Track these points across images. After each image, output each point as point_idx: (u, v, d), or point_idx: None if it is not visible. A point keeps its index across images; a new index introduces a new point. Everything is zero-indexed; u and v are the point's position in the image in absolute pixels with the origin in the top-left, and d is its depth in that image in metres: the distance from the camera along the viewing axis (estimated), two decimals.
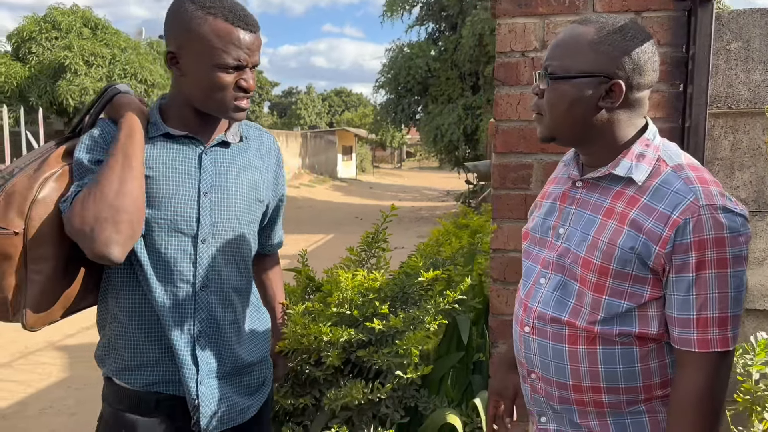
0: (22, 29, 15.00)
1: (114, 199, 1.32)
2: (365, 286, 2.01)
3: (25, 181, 1.35)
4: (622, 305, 1.20)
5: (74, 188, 1.37)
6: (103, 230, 1.30)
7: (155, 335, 1.47)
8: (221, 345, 1.52)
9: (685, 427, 1.16)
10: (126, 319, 1.47)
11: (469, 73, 16.27)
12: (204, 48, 1.36)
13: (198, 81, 1.40)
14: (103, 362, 1.52)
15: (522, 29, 1.83)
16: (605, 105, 1.21)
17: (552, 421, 1.34)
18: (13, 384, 4.76)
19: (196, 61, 1.38)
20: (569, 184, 1.33)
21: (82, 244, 1.33)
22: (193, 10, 1.36)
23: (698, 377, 1.15)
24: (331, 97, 54.40)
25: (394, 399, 2.00)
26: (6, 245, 1.31)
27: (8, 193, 1.33)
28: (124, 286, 1.46)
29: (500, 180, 1.90)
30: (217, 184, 1.48)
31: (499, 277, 1.93)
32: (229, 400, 1.52)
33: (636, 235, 1.17)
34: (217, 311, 1.50)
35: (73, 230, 1.32)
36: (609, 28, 1.20)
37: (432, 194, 24.37)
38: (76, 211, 1.32)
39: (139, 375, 1.47)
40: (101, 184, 1.33)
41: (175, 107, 1.48)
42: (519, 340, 1.36)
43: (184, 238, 1.45)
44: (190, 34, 1.36)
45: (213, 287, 1.49)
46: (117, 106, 1.44)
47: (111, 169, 1.34)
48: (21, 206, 1.32)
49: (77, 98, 14.02)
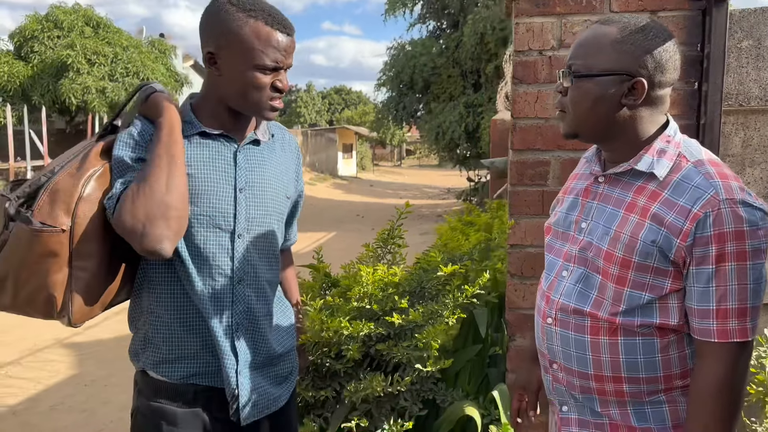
0: (25, 28, 14.97)
1: (164, 196, 1.35)
2: (385, 281, 2.05)
3: (69, 179, 1.36)
4: (644, 297, 1.23)
5: (119, 186, 1.39)
6: (156, 227, 1.33)
7: (194, 328, 1.49)
8: (257, 336, 1.55)
9: (705, 417, 1.19)
10: (165, 313, 1.49)
11: (471, 71, 16.26)
12: (244, 49, 1.40)
13: (236, 81, 1.43)
14: (139, 356, 1.54)
15: (540, 28, 1.86)
16: (627, 102, 1.24)
17: (573, 410, 1.37)
18: (23, 381, 4.78)
19: (235, 61, 1.42)
20: (591, 180, 1.37)
21: (132, 240, 1.35)
22: (234, 12, 1.40)
23: (718, 367, 1.18)
24: (331, 95, 54.36)
25: (413, 392, 2.03)
26: (53, 243, 1.33)
27: (53, 191, 1.34)
28: (163, 281, 1.49)
29: (518, 176, 1.93)
30: (251, 181, 1.53)
31: (517, 272, 1.96)
32: (264, 390, 1.56)
33: (657, 229, 1.20)
34: (253, 303, 1.54)
35: (124, 227, 1.34)
36: (631, 28, 1.23)
37: (432, 192, 24.39)
38: (127, 209, 1.34)
39: (177, 368, 1.50)
40: (150, 181, 1.35)
41: (209, 106, 1.51)
42: (541, 332, 1.40)
43: (222, 234, 1.49)
44: (231, 35, 1.40)
45: (249, 280, 1.54)
46: (154, 105, 1.46)
47: (158, 167, 1.37)
48: (67, 204, 1.34)
49: (79, 97, 14.00)
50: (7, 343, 5.62)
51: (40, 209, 1.33)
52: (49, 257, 1.33)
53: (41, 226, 1.32)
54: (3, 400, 4.42)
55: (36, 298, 1.36)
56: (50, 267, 1.33)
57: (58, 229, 1.33)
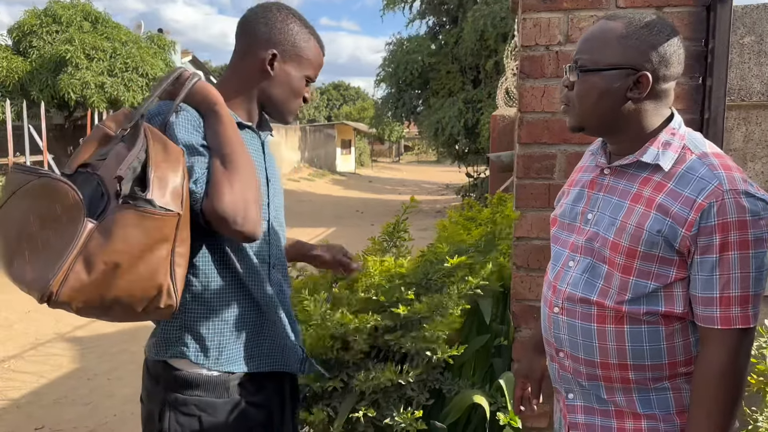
0: (23, 23, 14.88)
1: (254, 182, 1.41)
2: (392, 272, 2.07)
3: (165, 162, 1.33)
4: (649, 285, 1.26)
5: (200, 170, 1.38)
6: (253, 210, 1.37)
7: (242, 313, 1.52)
8: (289, 316, 1.63)
9: (709, 401, 1.22)
10: (215, 300, 1.49)
11: (470, 67, 16.26)
12: (304, 61, 1.59)
13: (287, 85, 1.58)
14: (170, 347, 1.50)
15: (546, 24, 1.88)
16: (633, 96, 1.27)
17: (579, 397, 1.40)
18: (26, 375, 4.81)
19: (293, 69, 1.58)
20: (597, 172, 1.40)
21: (227, 225, 1.34)
22: (300, 26, 1.58)
23: (721, 353, 1.22)
24: (329, 91, 54.26)
25: (419, 382, 2.06)
26: (169, 228, 1.30)
27: (160, 176, 1.30)
28: (216, 268, 1.49)
29: (524, 170, 1.96)
30: (273, 173, 1.64)
31: (523, 264, 1.99)
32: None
33: (663, 219, 1.23)
34: (284, 286, 1.63)
35: (223, 211, 1.33)
36: (637, 23, 1.27)
37: (431, 188, 24.43)
38: (226, 193, 1.34)
39: (224, 355, 1.50)
40: (239, 167, 1.38)
41: (242, 100, 1.57)
42: (548, 321, 1.43)
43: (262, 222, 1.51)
44: (297, 47, 1.57)
45: (279, 265, 1.63)
46: (204, 94, 1.45)
47: (240, 152, 1.41)
48: (174, 188, 1.31)
49: (78, 92, 13.93)
50: (9, 338, 5.65)
51: (153, 192, 1.28)
52: (163, 243, 1.30)
53: (161, 209, 1.27)
54: (6, 393, 4.44)
55: (141, 289, 1.29)
56: (161, 254, 1.30)
57: (175, 212, 1.30)
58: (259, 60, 1.54)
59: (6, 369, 4.94)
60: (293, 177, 23.71)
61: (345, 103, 53.39)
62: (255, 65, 1.55)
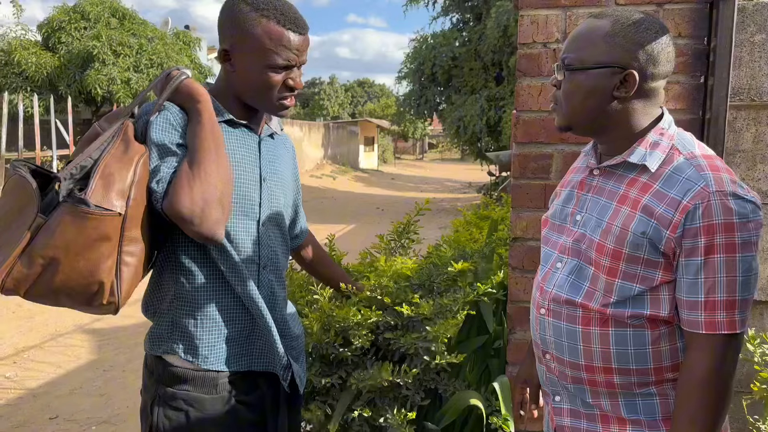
0: (53, 19, 15.19)
1: (217, 181, 1.36)
2: (399, 274, 2.06)
3: (117, 162, 1.33)
4: (634, 288, 1.24)
5: (166, 169, 1.38)
6: (213, 212, 1.35)
7: (229, 313, 1.51)
8: (280, 318, 1.60)
9: (692, 407, 1.20)
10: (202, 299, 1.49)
11: (493, 64, 16.16)
12: (256, 48, 1.43)
13: (249, 79, 1.47)
14: (162, 342, 1.52)
15: (544, 21, 1.86)
16: (620, 95, 1.25)
17: (566, 400, 1.38)
18: (44, 365, 4.90)
19: (248, 60, 1.45)
20: (587, 173, 1.38)
21: (187, 225, 1.34)
22: (247, 11, 1.42)
23: (705, 358, 1.19)
24: (354, 88, 54.33)
25: (416, 382, 2.05)
26: (108, 227, 1.30)
27: (105, 175, 1.31)
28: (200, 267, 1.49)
29: (520, 169, 1.93)
30: (271, 172, 1.58)
31: (518, 265, 1.97)
32: (295, 366, 1.63)
33: (647, 220, 1.21)
34: (275, 288, 1.59)
35: (180, 212, 1.33)
36: (623, 21, 1.25)
37: (453, 186, 24.34)
38: (185, 193, 1.33)
39: (210, 353, 1.50)
40: (203, 166, 1.36)
41: (226, 99, 1.53)
42: (535, 322, 1.42)
43: (249, 222, 1.52)
44: (244, 34, 1.43)
45: (271, 267, 1.58)
46: (188, 92, 1.45)
47: (208, 152, 1.37)
48: (121, 187, 1.32)
49: (105, 87, 14.18)
50: (29, 328, 5.76)
51: (94, 192, 1.29)
52: (102, 241, 1.30)
53: (97, 208, 1.28)
54: (24, 383, 4.53)
55: (81, 285, 1.31)
56: (102, 252, 1.30)
57: (115, 212, 1.30)
58: (221, 59, 1.50)
59: (25, 359, 5.04)
60: (316, 174, 23.81)
61: (369, 100, 53.42)
62: (222, 65, 1.51)
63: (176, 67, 1.51)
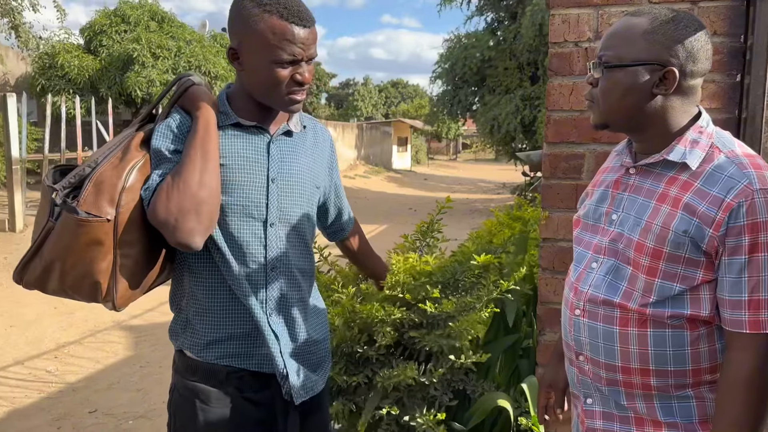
0: (94, 23, 15.57)
1: (197, 191, 1.40)
2: (417, 270, 2.06)
3: (112, 170, 1.40)
4: (675, 288, 1.23)
5: (156, 177, 1.44)
6: (187, 221, 1.39)
7: (231, 312, 1.54)
8: (290, 322, 1.60)
9: (734, 409, 1.18)
10: (204, 296, 1.55)
11: (528, 63, 16.02)
12: (260, 45, 1.43)
13: (256, 75, 1.48)
14: (178, 336, 1.60)
15: (576, 20, 1.84)
16: (659, 92, 1.24)
17: (598, 403, 1.37)
18: (84, 360, 5.03)
19: (254, 57, 1.46)
20: (622, 172, 1.37)
21: (164, 232, 1.41)
22: (251, 8, 1.43)
23: (749, 358, 1.17)
24: (388, 89, 54.39)
25: (443, 382, 2.05)
26: (98, 232, 1.36)
27: (97, 182, 1.38)
28: (202, 267, 1.54)
29: (551, 169, 1.92)
30: (283, 171, 1.57)
31: (548, 266, 1.95)
32: (305, 373, 1.61)
33: (689, 219, 1.20)
34: (286, 290, 1.59)
35: (157, 220, 1.39)
36: (662, 18, 1.23)
37: (487, 186, 24.18)
38: (161, 202, 1.39)
39: (211, 349, 1.55)
40: (184, 176, 1.41)
41: (240, 99, 1.56)
42: (568, 323, 1.40)
43: (255, 223, 1.54)
44: (248, 31, 1.44)
45: (281, 268, 1.58)
46: (192, 98, 1.50)
47: (192, 162, 1.42)
48: (111, 194, 1.38)
49: (144, 89, 14.47)
50: (70, 324, 5.92)
51: (85, 199, 1.37)
52: (95, 245, 1.37)
53: (87, 215, 1.36)
54: (64, 377, 4.67)
55: (81, 284, 1.41)
56: (95, 255, 1.38)
57: (103, 218, 1.36)
58: (229, 58, 1.51)
59: (66, 354, 5.19)
60: (349, 174, 23.90)
61: (403, 100, 53.42)
62: (231, 63, 1.53)
63: (186, 74, 1.56)
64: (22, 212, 10.05)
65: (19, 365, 4.89)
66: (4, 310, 6.26)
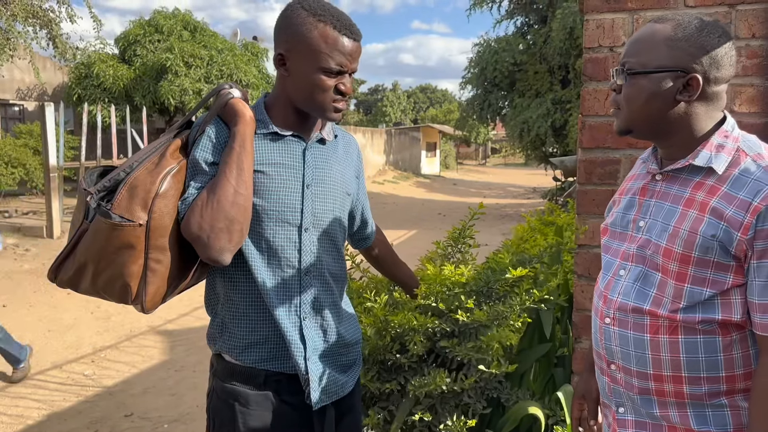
0: (129, 33, 15.93)
1: (229, 210, 1.43)
2: (451, 280, 2.06)
3: (146, 175, 1.43)
4: (705, 293, 1.22)
5: (193, 190, 1.47)
6: (219, 239, 1.42)
7: (267, 316, 1.57)
8: (324, 325, 1.62)
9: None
10: (240, 301, 1.57)
11: (559, 67, 15.88)
12: (312, 52, 1.47)
13: (302, 82, 1.50)
14: (216, 341, 1.62)
15: (610, 25, 1.82)
16: (683, 98, 1.24)
17: (630, 412, 1.35)
18: (120, 364, 5.12)
19: (303, 63, 1.49)
20: (648, 178, 1.36)
21: (196, 247, 1.44)
22: (305, 16, 1.47)
23: None
24: (416, 94, 54.46)
25: (477, 390, 2.04)
26: (130, 236, 1.39)
27: (131, 187, 1.41)
28: (238, 272, 1.57)
29: (586, 175, 1.90)
30: (317, 178, 1.60)
31: (584, 273, 1.93)
32: (332, 376, 1.62)
33: (717, 223, 1.19)
34: (319, 294, 1.61)
35: (190, 235, 1.43)
36: (685, 25, 1.24)
37: (517, 191, 24.00)
38: (195, 218, 1.42)
39: (250, 353, 1.57)
40: (218, 194, 1.43)
41: (279, 106, 1.59)
42: (599, 332, 1.39)
43: (290, 228, 1.56)
44: (301, 37, 1.47)
45: (314, 272, 1.60)
46: (232, 113, 1.52)
47: (227, 180, 1.44)
48: (145, 199, 1.40)
49: (177, 98, 14.73)
50: (107, 329, 6.04)
51: (118, 203, 1.39)
52: (126, 249, 1.40)
53: (119, 219, 1.38)
54: (101, 381, 4.75)
55: (112, 286, 1.44)
56: (127, 258, 1.40)
57: (136, 223, 1.39)
58: (276, 63, 1.54)
59: (102, 358, 5.28)
60: (378, 179, 23.96)
61: (432, 105, 53.39)
62: (277, 70, 1.56)
63: (226, 84, 1.57)
64: (59, 219, 10.31)
65: (57, 369, 5.00)
66: (42, 315, 6.41)
